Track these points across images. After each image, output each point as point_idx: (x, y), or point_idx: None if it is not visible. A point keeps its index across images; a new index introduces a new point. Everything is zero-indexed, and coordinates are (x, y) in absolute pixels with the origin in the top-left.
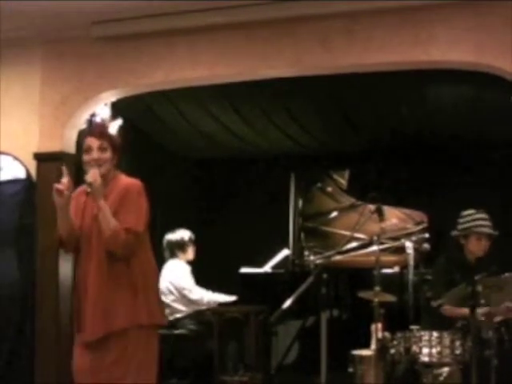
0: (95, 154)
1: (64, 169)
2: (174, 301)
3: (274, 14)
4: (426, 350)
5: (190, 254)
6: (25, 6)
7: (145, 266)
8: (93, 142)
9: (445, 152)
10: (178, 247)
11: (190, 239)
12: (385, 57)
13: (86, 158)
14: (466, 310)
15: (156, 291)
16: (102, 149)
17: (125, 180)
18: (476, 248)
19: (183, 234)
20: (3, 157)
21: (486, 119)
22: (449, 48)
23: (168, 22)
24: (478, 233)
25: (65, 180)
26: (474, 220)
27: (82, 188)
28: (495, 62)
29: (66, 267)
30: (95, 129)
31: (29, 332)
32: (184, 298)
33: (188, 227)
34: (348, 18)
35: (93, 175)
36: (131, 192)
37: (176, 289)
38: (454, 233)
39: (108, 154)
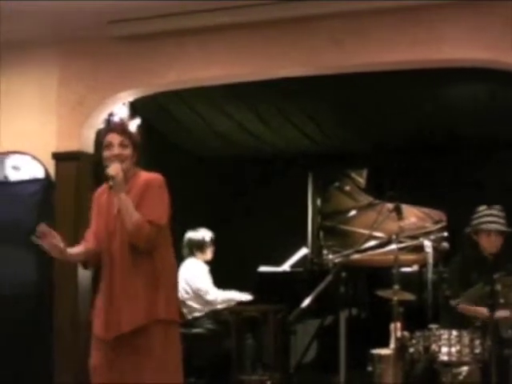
0: (116, 150)
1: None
2: (190, 299)
3: (286, 14)
4: (445, 349)
5: (209, 254)
6: (40, 6)
7: (166, 260)
8: (114, 138)
9: (461, 150)
10: (198, 247)
11: (210, 240)
12: (398, 56)
13: (106, 153)
14: (481, 309)
15: (175, 287)
16: (123, 145)
17: (145, 175)
18: (487, 244)
19: (204, 233)
20: (22, 156)
21: (502, 118)
22: (462, 46)
23: (182, 22)
24: (487, 229)
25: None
26: (484, 216)
27: (103, 188)
28: (509, 59)
29: None
30: (116, 125)
31: (47, 331)
32: (199, 298)
33: (206, 226)
34: (361, 17)
35: (115, 169)
36: (152, 186)
37: (191, 288)
38: (467, 230)
39: (129, 151)
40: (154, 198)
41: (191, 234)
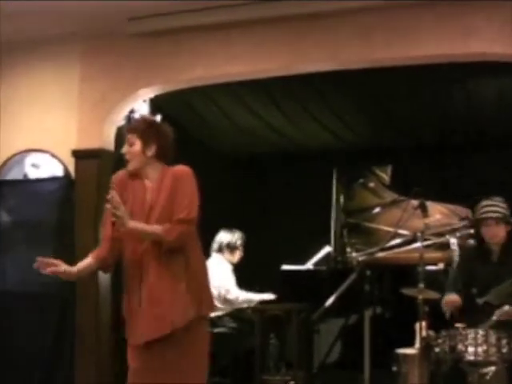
0: (124, 149)
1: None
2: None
3: (312, 8)
4: (471, 349)
5: (236, 257)
6: (62, 3)
7: (196, 255)
8: (127, 137)
9: (488, 148)
10: (228, 247)
11: (241, 244)
12: (425, 50)
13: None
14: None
15: (206, 281)
16: (130, 143)
17: (172, 169)
18: (487, 234)
19: (237, 236)
20: (42, 154)
21: None
22: (491, 40)
23: (204, 18)
24: (482, 218)
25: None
26: (482, 207)
27: (119, 175)
28: None
29: None
30: (128, 125)
31: (69, 332)
32: (220, 297)
33: (228, 224)
34: (388, 10)
35: (113, 202)
36: (182, 178)
37: (213, 286)
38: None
39: (137, 147)
40: (184, 192)
41: (224, 234)
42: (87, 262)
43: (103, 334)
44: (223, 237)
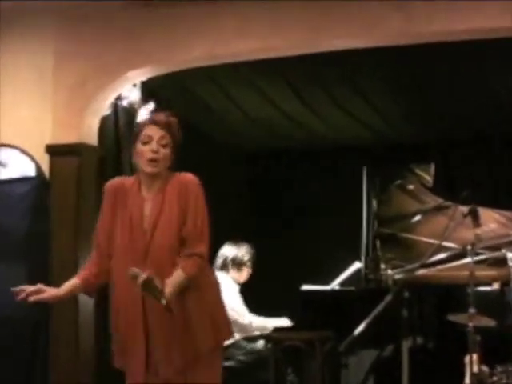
0: (155, 146)
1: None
2: None
3: None
4: None
5: (245, 275)
6: None
7: (208, 279)
8: (155, 131)
9: None
10: (234, 264)
11: (249, 259)
12: (473, 23)
13: (142, 148)
14: None
15: (222, 306)
16: (163, 143)
17: (177, 177)
18: None
19: (245, 251)
20: (9, 150)
21: None
22: None
23: None
24: None
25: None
26: None
27: (116, 183)
28: None
29: None
30: (160, 119)
31: (40, 366)
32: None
33: (239, 232)
34: None
35: (142, 278)
36: (191, 190)
37: None
38: None
39: (168, 151)
40: (197, 209)
41: (229, 249)
42: (73, 283)
43: (84, 367)
44: (228, 251)
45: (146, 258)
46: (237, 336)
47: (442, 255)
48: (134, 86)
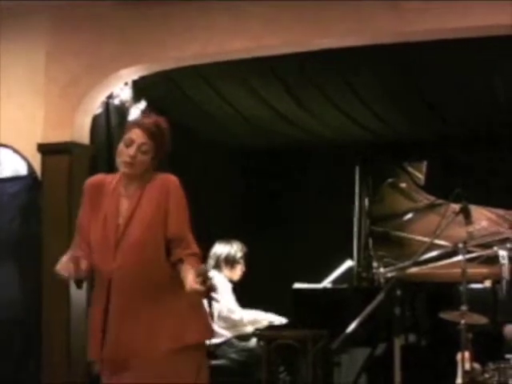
0: (132, 151)
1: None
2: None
3: None
4: None
5: (237, 273)
6: None
7: None
8: (138, 136)
9: None
10: (227, 262)
11: (242, 257)
12: (467, 21)
13: (122, 150)
14: None
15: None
16: (143, 150)
17: (157, 177)
18: None
19: (237, 248)
20: (1, 149)
21: None
22: None
23: None
24: None
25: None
26: None
27: (95, 180)
28: None
29: None
30: (147, 123)
31: (33, 366)
32: (222, 319)
33: (231, 231)
34: None
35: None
36: (172, 191)
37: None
38: None
39: (148, 158)
40: (179, 210)
41: (221, 247)
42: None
43: (75, 367)
44: (220, 249)
45: (116, 253)
46: (229, 334)
47: (434, 253)
48: (126, 84)
